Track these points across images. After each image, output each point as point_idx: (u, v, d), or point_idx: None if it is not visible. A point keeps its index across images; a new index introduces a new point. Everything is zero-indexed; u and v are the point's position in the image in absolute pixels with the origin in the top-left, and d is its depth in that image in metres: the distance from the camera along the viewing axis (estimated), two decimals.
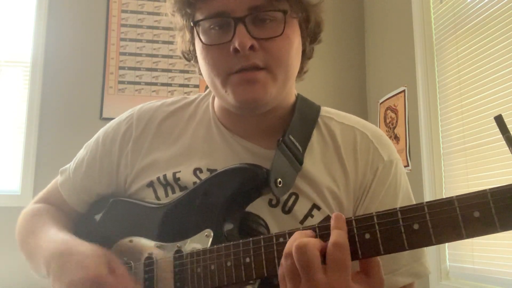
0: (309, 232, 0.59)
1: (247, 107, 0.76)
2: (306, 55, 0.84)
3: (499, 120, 0.53)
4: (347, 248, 0.55)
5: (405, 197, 0.80)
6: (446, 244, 2.21)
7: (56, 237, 0.81)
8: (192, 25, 0.77)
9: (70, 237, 0.80)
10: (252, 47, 0.71)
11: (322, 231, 0.59)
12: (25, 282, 0.81)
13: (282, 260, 0.58)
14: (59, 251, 0.76)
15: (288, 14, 0.74)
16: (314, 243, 0.56)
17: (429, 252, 2.35)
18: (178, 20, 0.81)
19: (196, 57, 0.82)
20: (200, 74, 0.84)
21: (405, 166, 2.55)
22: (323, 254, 0.56)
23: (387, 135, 2.74)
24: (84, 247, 0.75)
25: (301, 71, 0.86)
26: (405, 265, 0.76)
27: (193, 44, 0.81)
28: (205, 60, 0.76)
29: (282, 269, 0.58)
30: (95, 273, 0.70)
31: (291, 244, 0.57)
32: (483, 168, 2.00)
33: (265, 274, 0.63)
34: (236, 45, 0.70)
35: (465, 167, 2.12)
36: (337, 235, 0.56)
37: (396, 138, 2.68)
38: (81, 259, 0.72)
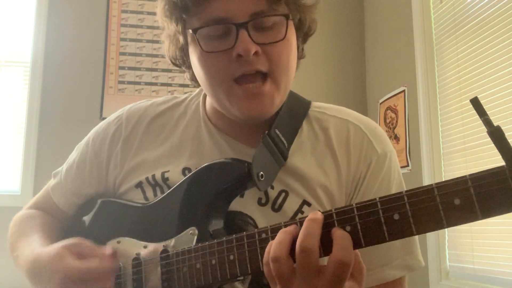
0: (292, 228, 0.58)
1: (252, 120, 0.75)
2: (299, 55, 0.83)
3: (476, 102, 0.50)
4: (351, 266, 0.53)
5: (398, 190, 0.79)
6: (446, 244, 2.21)
7: (30, 251, 0.81)
8: (191, 31, 0.74)
9: (40, 245, 0.80)
10: (256, 53, 0.70)
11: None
12: (25, 283, 0.81)
13: (270, 263, 0.57)
14: (31, 268, 0.78)
15: (290, 19, 0.73)
16: (287, 255, 0.55)
17: (429, 252, 2.35)
18: (169, 24, 0.79)
19: (186, 63, 0.81)
20: (193, 80, 0.82)
21: (405, 166, 2.55)
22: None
23: (387, 135, 2.75)
24: (47, 251, 0.76)
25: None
26: (397, 258, 0.75)
27: (185, 50, 0.79)
28: (204, 68, 0.74)
29: (271, 271, 0.57)
30: (65, 270, 0.71)
31: (282, 247, 0.56)
32: (483, 168, 1.98)
33: (249, 271, 0.63)
34: (240, 51, 0.69)
35: (465, 167, 2.12)
36: (342, 250, 0.54)
37: (396, 138, 2.68)
38: (48, 266, 0.73)
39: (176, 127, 0.86)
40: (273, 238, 0.60)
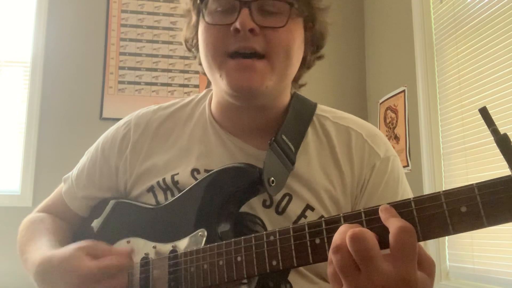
0: (355, 225, 0.54)
1: (240, 95, 0.75)
2: (306, 64, 0.84)
3: (484, 112, 0.51)
4: (415, 233, 0.50)
5: (405, 192, 0.80)
6: (446, 244, 2.21)
7: (38, 254, 0.81)
8: (198, 1, 0.77)
9: (49, 248, 0.81)
10: (252, 31, 0.72)
11: (371, 224, 0.54)
12: (25, 282, 0.81)
13: (331, 256, 0.52)
14: (40, 270, 0.77)
15: (294, 8, 0.75)
16: (370, 231, 0.51)
17: (429, 252, 2.35)
18: (187, 1, 0.82)
19: (197, 46, 0.82)
20: (200, 64, 0.84)
21: (405, 166, 2.54)
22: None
23: (387, 135, 2.76)
24: (60, 252, 0.76)
25: (298, 80, 0.86)
26: None
27: (197, 29, 0.81)
28: (204, 40, 0.76)
29: (333, 266, 0.52)
30: (82, 269, 0.71)
31: (342, 236, 0.52)
32: (483, 168, 2.00)
33: (256, 273, 0.63)
34: (237, 24, 0.71)
35: (465, 167, 2.12)
36: (400, 220, 0.51)
37: (396, 138, 2.68)
38: (62, 266, 0.73)
39: (183, 130, 0.87)
40: (280, 241, 0.61)
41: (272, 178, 0.72)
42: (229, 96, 0.77)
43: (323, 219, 0.59)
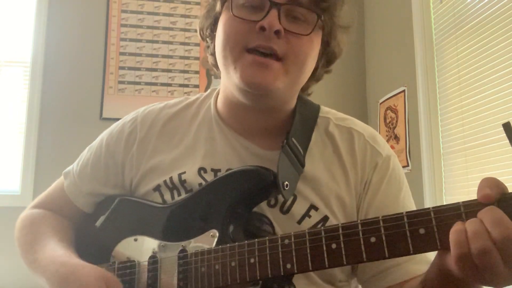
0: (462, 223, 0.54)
1: (251, 90, 0.75)
2: (315, 76, 0.85)
3: (508, 127, 0.52)
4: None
5: (406, 190, 0.82)
6: None
7: (54, 255, 0.80)
8: None
9: (69, 255, 0.80)
10: (277, 32, 0.72)
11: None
12: (25, 282, 0.81)
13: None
14: (58, 274, 0.76)
15: (320, 20, 0.76)
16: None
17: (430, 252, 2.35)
18: None
19: (212, 36, 0.83)
20: (211, 54, 0.84)
21: (405, 166, 2.54)
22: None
23: (387, 135, 2.75)
24: (83, 270, 0.74)
25: (305, 90, 0.87)
26: (419, 254, 0.76)
27: (216, 19, 0.81)
28: (226, 31, 0.76)
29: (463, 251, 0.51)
30: None
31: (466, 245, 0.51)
32: (483, 168, 1.99)
33: (269, 275, 0.63)
34: (265, 23, 0.72)
35: (465, 167, 2.12)
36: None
37: (396, 138, 2.68)
38: (80, 284, 0.72)
39: (189, 129, 0.87)
40: (296, 244, 0.61)
41: (286, 182, 0.73)
42: (239, 91, 0.77)
43: (340, 224, 0.59)
